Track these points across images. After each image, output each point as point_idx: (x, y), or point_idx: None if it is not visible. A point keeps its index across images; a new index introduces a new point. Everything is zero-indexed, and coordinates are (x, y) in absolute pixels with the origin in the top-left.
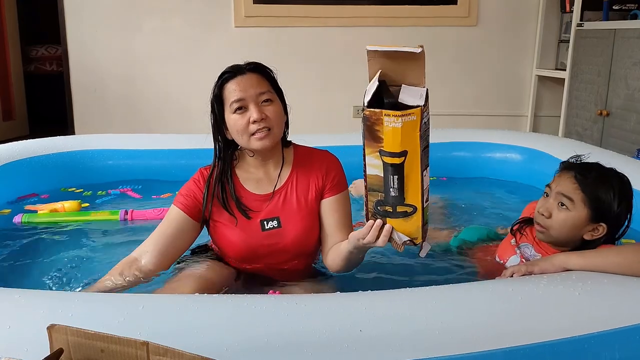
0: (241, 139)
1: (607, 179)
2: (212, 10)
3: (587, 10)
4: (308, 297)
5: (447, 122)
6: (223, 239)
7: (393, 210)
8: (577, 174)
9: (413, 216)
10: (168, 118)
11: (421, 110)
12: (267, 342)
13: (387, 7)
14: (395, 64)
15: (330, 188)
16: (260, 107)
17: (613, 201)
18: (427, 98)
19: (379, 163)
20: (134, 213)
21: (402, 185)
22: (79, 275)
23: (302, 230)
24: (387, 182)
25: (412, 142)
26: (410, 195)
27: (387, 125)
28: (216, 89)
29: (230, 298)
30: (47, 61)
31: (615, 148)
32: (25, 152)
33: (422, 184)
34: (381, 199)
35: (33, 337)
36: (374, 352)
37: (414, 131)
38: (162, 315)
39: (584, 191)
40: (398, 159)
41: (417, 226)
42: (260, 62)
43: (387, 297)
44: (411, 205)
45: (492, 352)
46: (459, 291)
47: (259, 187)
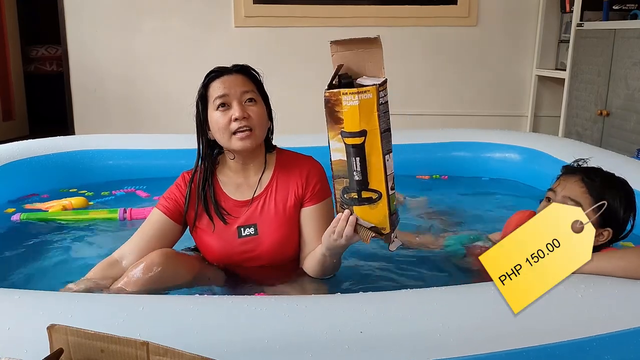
0: (222, 137)
1: (614, 184)
2: (212, 10)
3: (587, 10)
4: (308, 299)
5: (447, 122)
6: (201, 244)
7: (358, 196)
8: (585, 177)
9: (379, 203)
10: (168, 118)
11: (377, 89)
12: (268, 343)
13: (387, 7)
14: (356, 58)
15: (310, 197)
16: (242, 106)
17: (620, 207)
18: (386, 84)
19: (341, 146)
20: (133, 212)
21: (364, 167)
22: (78, 275)
23: (278, 238)
24: (350, 165)
25: (371, 121)
26: (374, 180)
27: (346, 104)
28: (202, 88)
29: (231, 299)
30: (47, 61)
31: (615, 148)
32: (25, 152)
33: (385, 169)
34: (347, 186)
35: (33, 338)
36: (375, 353)
37: (372, 109)
38: (162, 315)
39: (592, 195)
40: (358, 139)
41: (384, 214)
42: (248, 65)
43: (387, 298)
44: (376, 191)
45: (493, 355)
46: (459, 293)
47: (238, 192)
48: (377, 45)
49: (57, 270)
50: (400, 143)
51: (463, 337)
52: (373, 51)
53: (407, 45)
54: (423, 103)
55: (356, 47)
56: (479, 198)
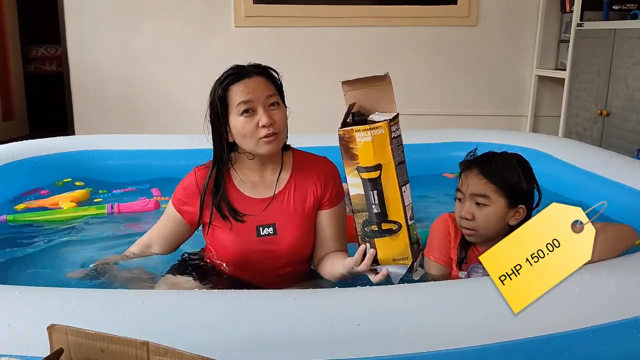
0: (248, 142)
1: (509, 163)
2: (212, 10)
3: (587, 10)
4: (306, 293)
5: (447, 122)
6: (218, 242)
7: (379, 228)
8: (481, 168)
9: (399, 234)
10: (168, 118)
11: (388, 124)
12: (266, 337)
13: (387, 7)
14: (368, 96)
15: (328, 200)
16: (268, 112)
17: (521, 181)
18: (397, 119)
19: (358, 181)
20: (120, 206)
21: (382, 200)
22: (70, 269)
23: (297, 237)
24: (368, 198)
25: (385, 155)
26: (393, 211)
27: (359, 140)
28: (220, 90)
29: (229, 294)
30: (47, 61)
31: (615, 148)
32: (25, 152)
33: (403, 200)
34: (367, 219)
35: (32, 335)
36: (372, 346)
37: (385, 144)
38: (162, 311)
39: (494, 182)
40: (374, 173)
41: (405, 244)
42: (267, 65)
43: (385, 291)
44: (395, 222)
45: (490, 346)
46: (457, 286)
47: (254, 190)
48: (386, 82)
49: (53, 267)
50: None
51: (460, 329)
52: (383, 88)
53: (407, 45)
54: (423, 103)
55: (367, 85)
56: None
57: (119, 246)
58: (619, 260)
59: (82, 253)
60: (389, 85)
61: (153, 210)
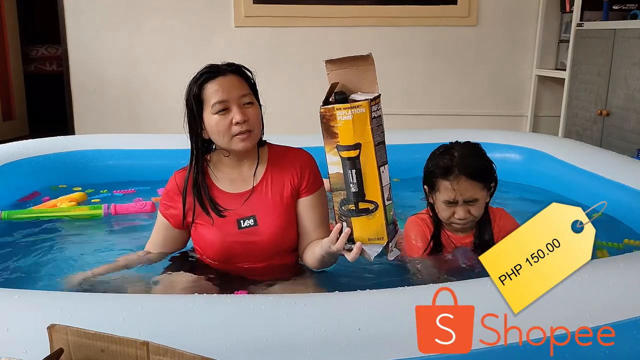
0: (222, 139)
1: (476, 151)
2: (212, 10)
3: (587, 10)
4: (307, 297)
5: (447, 122)
6: (201, 239)
7: (356, 207)
8: (466, 173)
9: (376, 213)
10: (168, 118)
11: (369, 104)
12: (267, 342)
13: (387, 7)
14: (351, 76)
15: (306, 187)
16: (242, 109)
17: (489, 162)
18: (379, 99)
19: (338, 159)
20: (117, 207)
21: (360, 179)
22: (68, 272)
23: (278, 227)
24: (347, 177)
25: (365, 134)
26: (370, 191)
27: (340, 118)
28: (195, 88)
29: (230, 298)
30: (47, 61)
31: (615, 148)
32: (25, 152)
33: (381, 180)
34: (344, 198)
35: (33, 337)
36: (373, 351)
37: (365, 123)
38: (162, 315)
39: (481, 181)
40: (353, 152)
41: (382, 224)
42: (241, 64)
43: (385, 295)
44: (372, 202)
45: (490, 349)
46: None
47: (232, 186)
48: (369, 62)
49: (50, 268)
50: (400, 143)
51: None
52: (366, 68)
53: (407, 45)
54: (423, 103)
55: (350, 65)
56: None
57: (116, 248)
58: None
59: (79, 255)
60: (371, 66)
61: (150, 211)
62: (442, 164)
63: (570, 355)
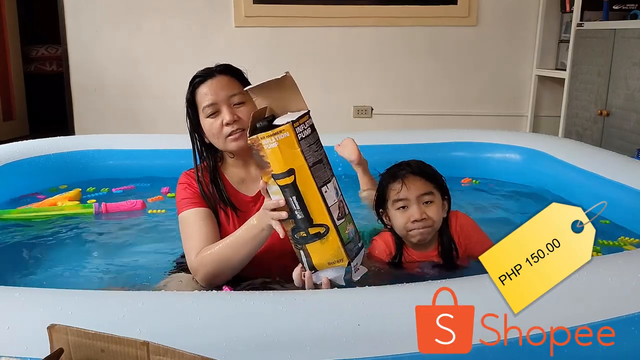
0: (217, 141)
1: (422, 163)
2: (212, 10)
3: (587, 10)
4: (307, 293)
5: (447, 122)
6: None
7: (307, 234)
8: (413, 171)
9: (328, 237)
10: (168, 118)
11: (292, 126)
12: (266, 338)
13: (387, 7)
14: (276, 98)
15: None
16: (232, 109)
17: (439, 173)
18: (305, 117)
19: (277, 188)
20: (108, 206)
21: (303, 204)
22: (70, 272)
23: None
24: (290, 205)
25: (296, 159)
26: (316, 214)
27: (267, 147)
28: (188, 93)
29: (229, 295)
30: (47, 61)
31: (615, 148)
32: (25, 152)
33: (325, 201)
34: (294, 226)
35: (33, 335)
36: (372, 347)
37: (292, 147)
38: (162, 312)
39: (429, 179)
40: (288, 179)
41: (337, 246)
42: (230, 64)
43: (384, 292)
44: (322, 225)
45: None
46: (455, 287)
47: (243, 186)
48: (289, 82)
49: (47, 267)
50: (400, 143)
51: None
52: (287, 87)
53: (407, 45)
54: (423, 103)
55: (272, 88)
56: (478, 198)
57: (111, 246)
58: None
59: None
60: (292, 84)
61: (140, 209)
62: (390, 173)
63: (570, 355)
